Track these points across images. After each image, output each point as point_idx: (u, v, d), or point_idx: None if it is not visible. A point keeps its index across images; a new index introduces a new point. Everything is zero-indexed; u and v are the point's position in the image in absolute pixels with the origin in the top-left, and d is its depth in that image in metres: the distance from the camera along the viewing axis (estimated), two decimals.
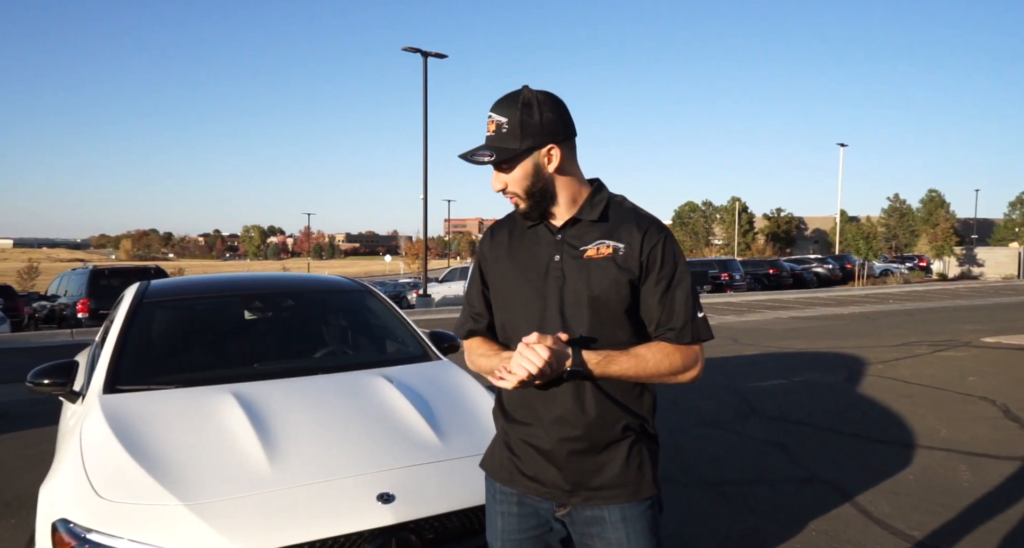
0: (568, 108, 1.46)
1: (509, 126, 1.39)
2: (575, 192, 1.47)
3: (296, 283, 3.87)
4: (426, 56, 19.17)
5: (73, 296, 13.78)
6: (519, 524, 1.53)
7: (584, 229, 1.47)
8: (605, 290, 1.42)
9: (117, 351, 2.75)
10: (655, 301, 1.43)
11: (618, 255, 1.43)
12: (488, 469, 1.60)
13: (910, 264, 37.61)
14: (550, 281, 1.45)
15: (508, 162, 1.42)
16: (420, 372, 2.97)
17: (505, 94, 1.43)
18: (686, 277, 1.45)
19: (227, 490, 1.93)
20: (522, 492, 1.51)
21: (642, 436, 1.49)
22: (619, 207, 1.49)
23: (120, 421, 2.28)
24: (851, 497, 3.61)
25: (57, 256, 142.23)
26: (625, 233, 1.44)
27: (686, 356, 1.43)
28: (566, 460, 1.44)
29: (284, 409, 2.41)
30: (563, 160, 1.43)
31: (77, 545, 1.78)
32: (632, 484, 1.45)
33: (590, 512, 1.46)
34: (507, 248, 1.54)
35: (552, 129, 1.41)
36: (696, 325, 1.44)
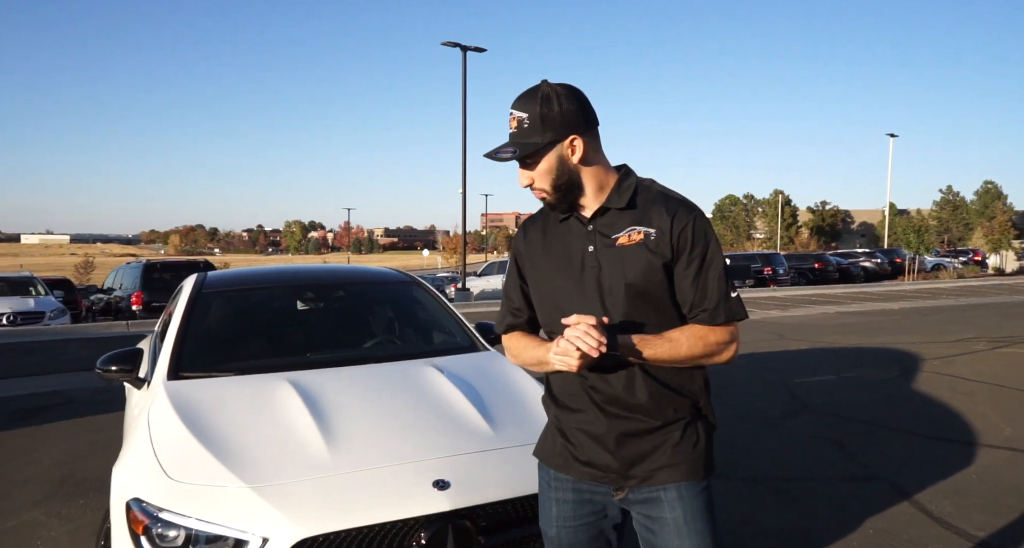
0: (588, 98, 1.45)
1: (530, 121, 1.41)
2: (602, 181, 1.47)
3: (346, 274, 3.93)
4: (465, 50, 19.22)
5: (128, 289, 14.30)
6: (575, 510, 1.53)
7: (614, 217, 1.47)
8: (640, 276, 1.42)
9: (179, 340, 2.84)
10: (688, 283, 1.43)
11: (649, 240, 1.43)
12: (541, 456, 1.61)
13: (964, 258, 36.16)
14: (587, 272, 1.46)
15: (532, 157, 1.43)
16: (469, 362, 2.99)
17: (525, 90, 1.44)
18: (718, 257, 1.44)
19: (288, 473, 1.98)
20: (577, 478, 1.52)
21: (696, 417, 1.48)
22: (647, 191, 1.48)
23: (184, 406, 2.35)
24: (909, 495, 3.50)
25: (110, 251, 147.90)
26: (655, 217, 1.44)
27: (720, 337, 1.43)
28: (619, 444, 1.45)
29: (339, 397, 2.46)
30: (587, 150, 1.43)
31: (150, 523, 1.85)
32: (687, 463, 1.45)
33: (647, 493, 1.46)
34: (541, 242, 1.55)
35: (573, 120, 1.41)
36: (729, 305, 1.43)
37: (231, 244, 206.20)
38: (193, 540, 1.83)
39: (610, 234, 1.46)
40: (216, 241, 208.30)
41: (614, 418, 1.45)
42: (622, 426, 1.44)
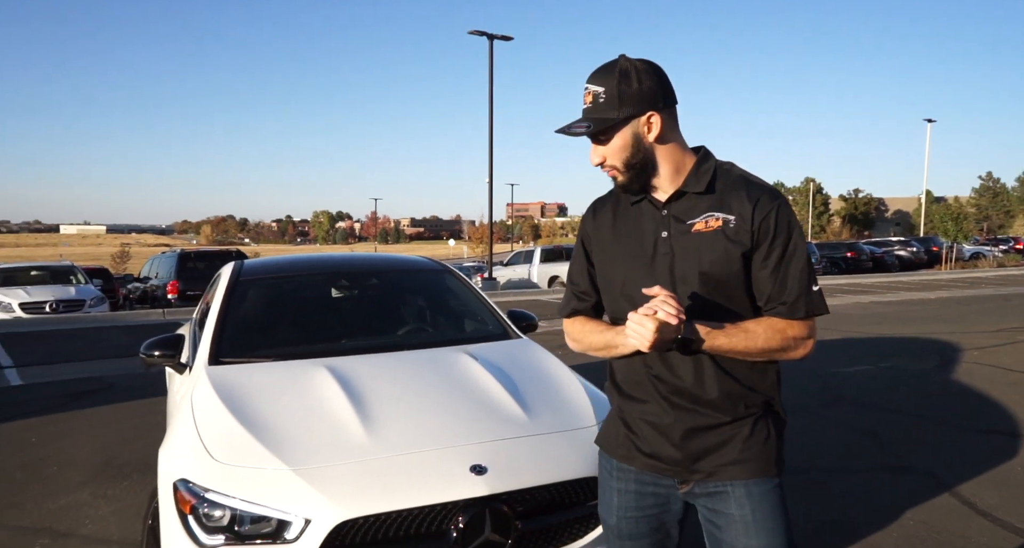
0: (667, 75, 1.40)
1: (606, 96, 1.36)
2: (678, 162, 1.41)
3: (379, 262, 3.97)
4: (492, 39, 19.13)
5: (163, 278, 14.63)
6: (636, 502, 1.50)
7: (691, 202, 1.41)
8: (716, 265, 1.36)
9: (219, 326, 2.90)
10: (767, 274, 1.37)
11: (728, 227, 1.37)
12: (604, 445, 1.57)
13: (1004, 247, 35.04)
14: (658, 258, 1.41)
15: (605, 133, 1.38)
16: (502, 349, 3.00)
17: (601, 64, 1.39)
18: (800, 248, 1.37)
19: (329, 457, 2.01)
20: (640, 469, 1.48)
21: (767, 413, 1.43)
22: (727, 175, 1.42)
23: (226, 390, 2.40)
24: (950, 487, 3.42)
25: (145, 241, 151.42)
26: (735, 203, 1.38)
27: (799, 332, 1.37)
28: (685, 437, 1.41)
29: (375, 382, 2.48)
30: (664, 128, 1.38)
31: (197, 503, 1.90)
32: (756, 460, 1.40)
33: (713, 488, 1.42)
34: (611, 226, 1.50)
35: (651, 96, 1.36)
36: (811, 299, 1.37)
37: (260, 234, 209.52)
38: (238, 520, 1.87)
39: (686, 219, 1.40)
40: (246, 231, 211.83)
41: (681, 411, 1.40)
42: (689, 420, 1.39)
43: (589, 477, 2.10)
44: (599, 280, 1.54)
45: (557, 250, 21.04)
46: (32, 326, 10.42)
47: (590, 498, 2.10)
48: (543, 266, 19.90)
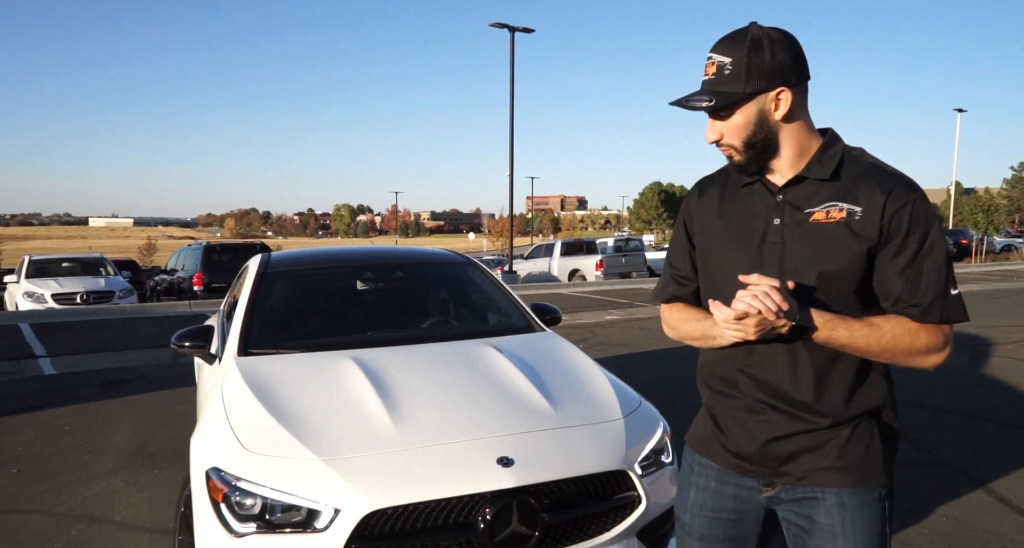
0: (802, 48, 1.27)
1: (733, 67, 1.23)
2: (803, 144, 1.28)
3: (403, 255, 3.99)
4: (513, 31, 19.05)
5: (189, 270, 14.88)
6: (714, 501, 1.42)
7: (812, 189, 1.27)
8: (834, 261, 1.23)
9: (247, 318, 2.94)
10: (895, 272, 1.23)
11: (853, 220, 1.23)
12: (689, 438, 1.50)
13: None
14: (766, 248, 1.29)
15: (727, 108, 1.26)
16: (526, 342, 3.00)
17: (729, 32, 1.27)
18: (938, 246, 1.23)
19: (357, 447, 2.03)
20: (723, 467, 1.40)
21: (873, 420, 1.30)
22: (857, 162, 1.28)
23: (255, 381, 2.43)
24: (984, 483, 3.36)
25: (170, 234, 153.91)
26: (863, 193, 1.24)
27: (932, 337, 1.23)
28: (775, 438, 1.30)
29: (401, 374, 2.50)
30: (793, 106, 1.25)
31: (229, 491, 1.93)
32: (854, 468, 1.27)
33: (801, 493, 1.31)
34: (717, 207, 1.38)
35: (784, 70, 1.23)
36: (948, 303, 1.22)
37: (283, 227, 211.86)
38: (269, 509, 1.90)
39: (804, 208, 1.27)
40: (269, 224, 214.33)
41: (773, 411, 1.30)
42: (781, 421, 1.29)
43: (615, 471, 2.10)
44: (699, 265, 1.43)
45: (577, 243, 20.96)
46: (64, 316, 10.67)
47: (616, 491, 2.10)
48: (563, 259, 19.85)
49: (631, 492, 2.11)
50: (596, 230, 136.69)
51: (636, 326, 9.26)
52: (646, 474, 2.17)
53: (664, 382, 5.77)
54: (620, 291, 14.32)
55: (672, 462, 2.33)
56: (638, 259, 20.55)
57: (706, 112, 1.29)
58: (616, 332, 8.72)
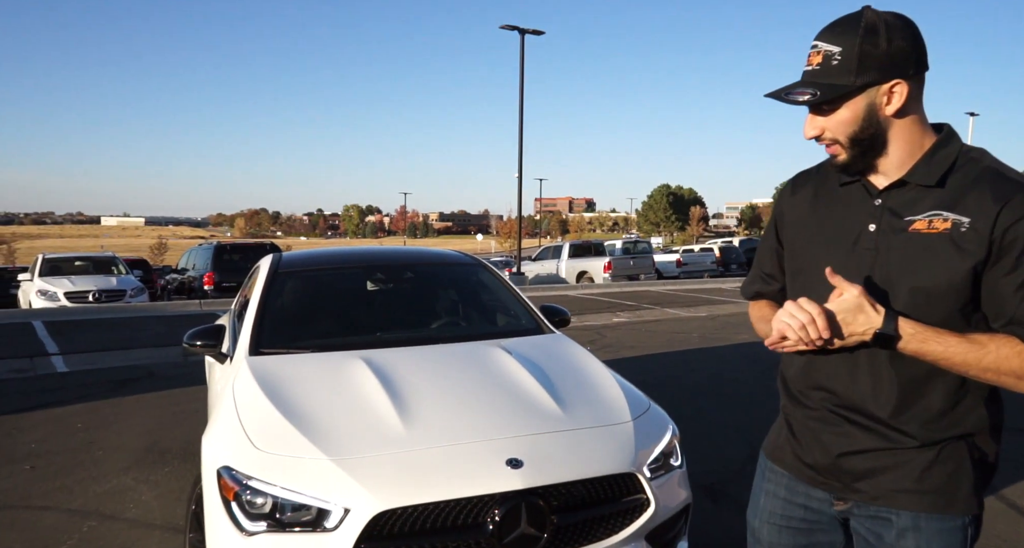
0: (922, 35, 1.15)
1: (843, 57, 1.11)
2: (914, 143, 1.17)
3: (413, 256, 4.00)
4: (523, 33, 19.07)
5: (200, 270, 14.96)
6: (784, 509, 1.36)
7: (915, 194, 1.16)
8: (933, 277, 1.13)
9: (258, 317, 2.96)
10: (1010, 290, 1.10)
11: (957, 232, 1.12)
12: (765, 444, 1.44)
13: None
14: (858, 254, 1.19)
15: (832, 102, 1.14)
16: (535, 344, 3.00)
17: (838, 18, 1.15)
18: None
19: (367, 447, 2.04)
20: (794, 476, 1.34)
21: (964, 444, 1.20)
22: (972, 167, 1.16)
23: (266, 380, 2.45)
24: (997, 490, 3.33)
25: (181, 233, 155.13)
26: (974, 202, 1.11)
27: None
28: (849, 453, 1.23)
29: (411, 375, 2.51)
30: (908, 100, 1.13)
31: (240, 490, 1.95)
32: (936, 493, 1.19)
33: (875, 511, 1.24)
34: (810, 206, 1.29)
35: (902, 61, 1.11)
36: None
37: (292, 227, 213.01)
38: (280, 508, 1.91)
39: (904, 214, 1.16)
40: (278, 224, 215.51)
41: (848, 423, 1.22)
42: (857, 435, 1.21)
43: (624, 473, 2.10)
44: (786, 264, 1.35)
45: (585, 245, 20.95)
46: (76, 315, 10.76)
47: (625, 494, 2.10)
48: (571, 261, 19.84)
49: (640, 495, 2.11)
50: (604, 232, 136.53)
51: (644, 328, 9.24)
52: (655, 477, 2.17)
53: (672, 385, 5.76)
54: (628, 293, 14.29)
55: (681, 465, 2.32)
56: (646, 261, 20.50)
57: (807, 106, 1.18)
58: (624, 334, 8.71)
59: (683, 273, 23.10)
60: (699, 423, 4.54)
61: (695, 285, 16.62)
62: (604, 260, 19.21)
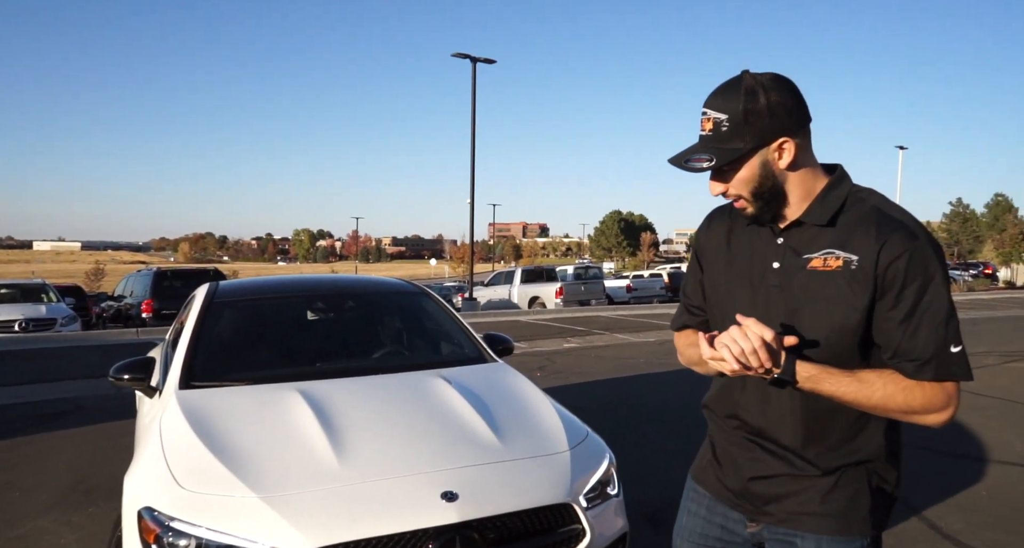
0: (800, 91, 1.21)
1: (730, 123, 1.18)
2: (809, 187, 1.24)
3: (355, 285, 3.97)
4: (475, 61, 19.38)
5: (138, 296, 14.40)
6: (703, 528, 1.43)
7: (811, 233, 1.23)
8: (830, 311, 1.19)
9: (191, 349, 2.87)
10: (893, 326, 1.17)
11: (848, 269, 1.18)
12: (692, 467, 1.51)
13: (974, 271, 35.92)
14: (764, 290, 1.27)
15: (732, 163, 1.21)
16: (477, 374, 3.01)
17: (722, 84, 1.21)
18: (939, 299, 1.16)
19: (298, 484, 2.00)
20: (714, 497, 1.41)
21: (863, 470, 1.27)
22: (860, 206, 1.22)
23: (196, 415, 2.38)
24: (919, 511, 3.48)
25: (121, 258, 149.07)
26: (859, 241, 1.18)
27: (929, 396, 1.17)
28: (758, 478, 1.30)
29: (348, 407, 2.48)
30: (797, 155, 1.21)
31: (161, 532, 1.87)
32: (837, 517, 1.25)
33: (782, 534, 1.30)
34: (725, 240, 1.37)
35: (784, 120, 1.18)
36: (947, 360, 1.16)
37: (240, 252, 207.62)
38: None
39: (803, 253, 1.23)
40: (225, 249, 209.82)
41: (760, 449, 1.30)
42: (767, 459, 1.29)
43: (560, 503, 2.11)
44: (707, 294, 1.41)
45: (537, 271, 21.14)
46: (1, 345, 10.18)
47: (561, 525, 2.11)
48: (523, 287, 19.97)
49: (576, 525, 2.12)
50: (558, 257, 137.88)
51: (593, 354, 9.34)
52: (591, 506, 2.18)
53: (618, 411, 5.82)
54: (579, 318, 14.44)
55: (618, 494, 2.35)
56: (597, 287, 20.81)
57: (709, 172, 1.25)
58: (573, 360, 8.77)
59: (633, 298, 23.52)
60: (643, 449, 4.59)
61: (644, 310, 16.92)
62: (556, 286, 19.41)
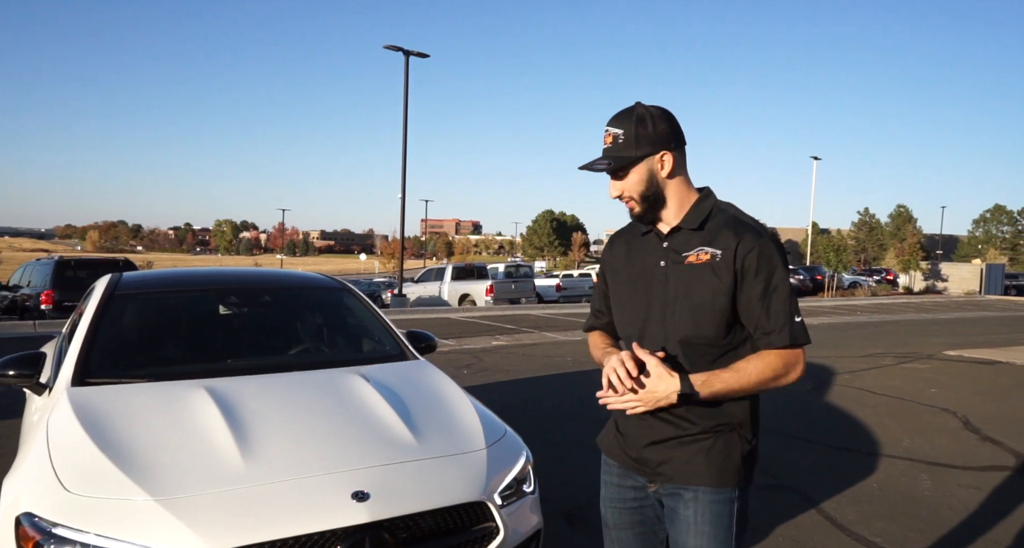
0: (678, 120, 1.59)
1: (625, 137, 1.54)
2: (683, 198, 1.59)
3: (273, 279, 3.83)
4: (408, 55, 19.10)
5: (37, 287, 13.39)
6: (619, 494, 1.70)
7: (687, 236, 1.58)
8: (703, 295, 1.52)
9: (87, 343, 2.69)
10: (752, 306, 1.51)
11: (715, 261, 1.52)
12: (600, 441, 1.77)
13: (878, 277, 38.45)
14: (655, 285, 1.59)
15: (624, 169, 1.55)
16: (397, 371, 2.96)
17: (621, 110, 1.59)
18: (783, 283, 1.52)
19: (198, 485, 1.91)
20: (622, 465, 1.68)
21: (734, 434, 1.57)
22: (722, 215, 1.58)
23: (89, 414, 2.23)
24: (816, 504, 3.68)
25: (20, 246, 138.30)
26: (723, 240, 1.53)
27: (784, 360, 1.50)
28: (654, 443, 1.59)
29: (258, 405, 2.39)
30: (674, 165, 1.56)
31: (42, 539, 1.75)
32: (711, 471, 1.54)
33: (672, 489, 1.59)
34: (625, 255, 1.69)
35: (665, 138, 1.54)
36: (793, 329, 1.50)
37: (156, 242, 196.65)
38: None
39: (681, 251, 1.57)
40: (140, 238, 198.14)
41: (655, 419, 1.57)
42: (658, 425, 1.57)
43: (474, 502, 2.10)
44: (612, 302, 1.74)
45: (468, 268, 21.08)
46: None
47: (474, 523, 2.10)
48: (454, 284, 19.87)
49: (489, 523, 2.12)
50: (490, 255, 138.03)
51: (521, 352, 9.40)
52: (506, 504, 2.19)
53: (541, 409, 5.89)
54: (509, 317, 14.51)
55: (534, 491, 2.37)
56: (528, 285, 20.96)
57: (607, 173, 1.59)
58: (501, 358, 8.81)
59: (562, 297, 23.84)
60: (562, 448, 4.66)
61: (573, 309, 17.19)
62: (486, 283, 19.41)
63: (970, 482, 4.10)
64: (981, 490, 3.96)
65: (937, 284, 38.07)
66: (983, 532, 3.35)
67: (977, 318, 17.48)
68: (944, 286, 37.53)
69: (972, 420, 5.64)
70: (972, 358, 8.99)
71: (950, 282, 37.46)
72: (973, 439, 5.09)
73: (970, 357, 9.09)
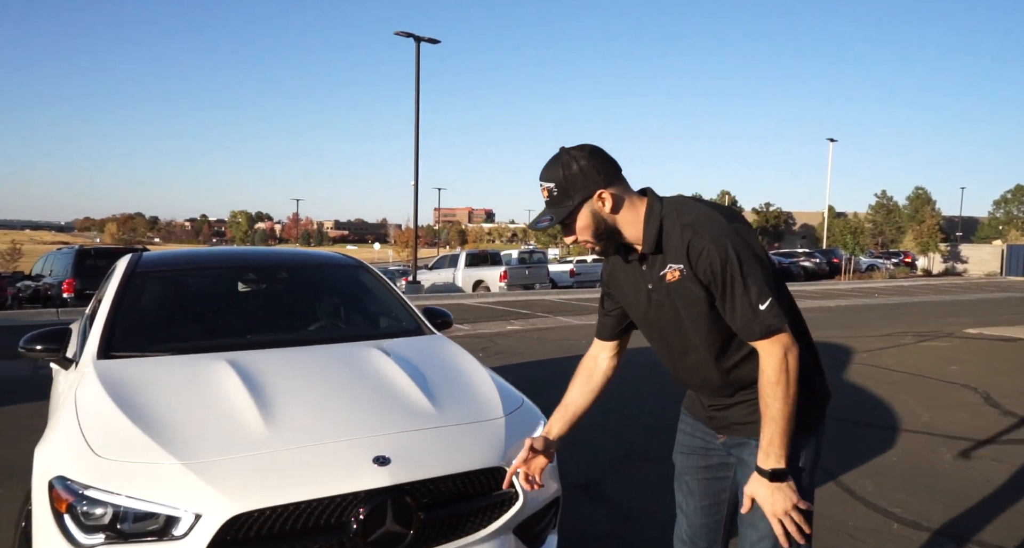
0: (604, 152, 1.57)
1: (557, 188, 1.54)
2: (636, 223, 1.59)
3: (290, 257, 3.86)
4: (419, 41, 19.03)
5: (58, 276, 13.62)
6: (689, 441, 1.84)
7: (654, 259, 1.60)
8: (694, 305, 1.55)
9: (111, 318, 2.74)
10: (723, 308, 1.52)
11: (684, 275, 1.54)
12: (684, 402, 1.91)
13: (896, 260, 37.95)
14: (652, 308, 1.66)
15: (568, 218, 1.55)
16: (414, 345, 2.98)
17: (547, 161, 1.58)
18: (736, 277, 1.47)
19: (223, 450, 1.94)
20: (695, 418, 1.83)
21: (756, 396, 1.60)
22: (671, 227, 1.55)
23: (115, 384, 2.27)
24: (835, 476, 3.68)
25: (40, 238, 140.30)
26: (680, 254, 1.53)
27: (772, 353, 1.48)
28: (712, 407, 1.73)
29: (279, 375, 2.42)
30: (615, 200, 1.55)
31: (75, 501, 1.79)
32: (754, 424, 1.60)
33: (739, 440, 1.69)
34: (622, 269, 1.72)
35: (595, 177, 1.53)
36: (759, 318, 1.47)
37: (172, 234, 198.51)
38: (121, 517, 1.77)
39: (658, 273, 1.59)
40: (157, 230, 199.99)
41: (706, 391, 1.71)
42: (711, 396, 1.71)
43: (492, 467, 2.12)
44: (619, 302, 1.81)
45: (482, 255, 21.10)
46: None
47: (493, 488, 2.12)
48: (468, 270, 19.91)
49: (509, 489, 2.14)
50: (503, 243, 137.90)
51: (536, 336, 9.42)
52: None
53: (556, 389, 5.88)
54: (523, 302, 14.53)
55: (552, 459, 2.38)
56: (541, 271, 20.95)
57: (560, 225, 1.59)
58: (516, 341, 8.83)
59: (576, 283, 23.80)
60: (578, 426, 4.67)
61: (587, 294, 17.16)
62: (500, 269, 19.43)
63: (992, 455, 4.07)
64: (1004, 463, 3.93)
65: (957, 266, 37.52)
66: (1010, 504, 3.33)
67: (998, 299, 17.22)
68: (964, 268, 36.98)
69: (993, 395, 5.57)
70: (993, 336, 8.88)
71: (970, 264, 36.90)
72: (994, 414, 5.04)
73: (991, 335, 8.97)
